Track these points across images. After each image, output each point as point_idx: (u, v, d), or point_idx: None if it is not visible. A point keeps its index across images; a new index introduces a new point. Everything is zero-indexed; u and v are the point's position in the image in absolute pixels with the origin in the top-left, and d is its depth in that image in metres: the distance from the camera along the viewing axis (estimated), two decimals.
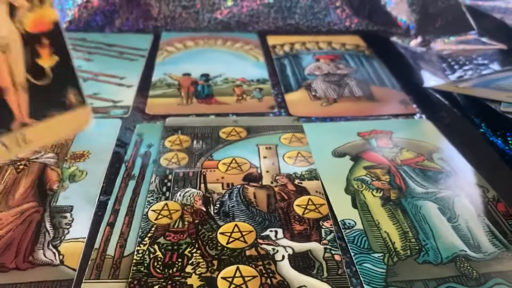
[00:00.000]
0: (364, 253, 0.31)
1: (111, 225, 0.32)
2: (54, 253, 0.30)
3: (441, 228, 0.33)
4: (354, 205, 0.35)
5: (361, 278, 0.29)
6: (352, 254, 0.30)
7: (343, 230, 0.32)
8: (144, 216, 0.33)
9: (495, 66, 0.59)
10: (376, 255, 0.30)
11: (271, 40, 0.67)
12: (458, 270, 0.29)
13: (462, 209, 0.35)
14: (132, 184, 0.36)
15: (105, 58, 0.59)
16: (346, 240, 0.32)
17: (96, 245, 0.30)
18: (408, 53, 0.61)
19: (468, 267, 0.30)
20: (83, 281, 0.28)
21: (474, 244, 0.31)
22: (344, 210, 0.34)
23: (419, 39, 0.66)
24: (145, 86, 0.53)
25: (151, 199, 0.35)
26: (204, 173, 0.38)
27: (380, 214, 0.34)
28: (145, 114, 0.47)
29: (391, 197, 0.36)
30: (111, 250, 0.30)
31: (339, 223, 0.33)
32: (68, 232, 0.32)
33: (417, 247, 0.31)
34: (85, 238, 0.31)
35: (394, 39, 0.66)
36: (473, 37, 0.66)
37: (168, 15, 0.67)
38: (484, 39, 0.66)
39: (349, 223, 0.33)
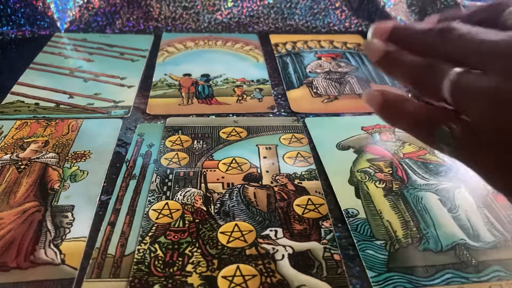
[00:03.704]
0: (366, 240, 0.31)
1: (112, 224, 0.32)
2: (55, 252, 0.30)
3: (441, 218, 0.34)
4: (358, 195, 0.36)
5: (364, 263, 0.30)
6: (355, 241, 0.31)
7: (346, 219, 0.33)
8: (145, 216, 0.33)
9: None
10: (378, 242, 0.31)
11: (274, 38, 0.67)
12: (457, 258, 0.30)
13: (462, 200, 0.36)
14: (133, 183, 0.37)
15: (106, 58, 0.59)
16: (350, 228, 0.32)
17: (97, 244, 0.31)
18: None
19: (467, 255, 0.30)
20: (84, 280, 0.28)
21: (473, 234, 0.32)
22: (348, 200, 0.35)
23: None
24: (145, 86, 0.53)
25: (152, 199, 0.35)
26: (204, 173, 0.38)
27: (383, 204, 0.35)
28: (146, 114, 0.47)
29: (393, 188, 0.37)
30: (112, 249, 0.30)
31: (343, 212, 0.34)
32: (69, 231, 0.32)
33: (418, 236, 0.32)
34: (86, 237, 0.31)
35: None
36: None
37: (169, 16, 0.67)
38: None
39: (352, 212, 0.34)
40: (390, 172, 0.39)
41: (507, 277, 0.29)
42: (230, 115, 0.47)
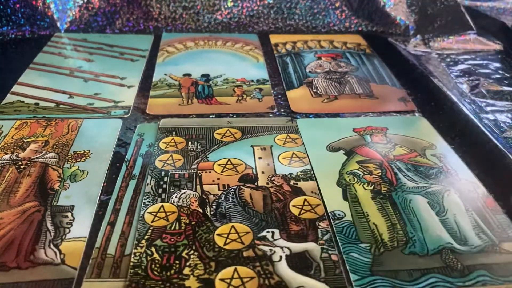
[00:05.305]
0: (351, 243, 0.31)
1: (112, 224, 0.33)
2: (55, 252, 0.30)
3: (429, 221, 0.34)
4: (345, 198, 0.36)
5: (347, 266, 0.29)
6: (340, 243, 0.31)
7: (332, 221, 0.33)
8: (140, 218, 0.33)
9: (493, 66, 0.59)
10: (363, 245, 0.31)
11: (274, 38, 0.67)
12: (443, 262, 0.30)
13: (451, 203, 0.35)
14: (132, 183, 0.37)
15: (106, 58, 0.59)
16: (335, 230, 0.32)
17: (97, 244, 0.31)
18: (407, 54, 0.62)
19: (453, 259, 0.30)
20: (84, 280, 0.28)
21: (460, 237, 0.32)
22: (335, 202, 0.35)
23: (418, 39, 0.66)
24: (145, 86, 0.53)
25: (147, 201, 0.35)
26: (200, 175, 0.38)
27: (370, 207, 0.35)
28: (146, 114, 0.47)
29: (381, 191, 0.37)
30: (111, 249, 0.30)
31: (329, 214, 0.34)
32: (69, 231, 0.32)
33: (404, 239, 0.32)
34: (86, 237, 0.31)
35: (392, 40, 0.66)
36: (472, 37, 0.66)
37: (169, 16, 0.67)
38: (482, 39, 0.66)
39: (339, 214, 0.34)
40: (379, 174, 0.38)
41: (492, 281, 0.29)
42: (230, 115, 0.48)
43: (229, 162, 0.40)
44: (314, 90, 0.53)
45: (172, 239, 0.31)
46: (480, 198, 0.36)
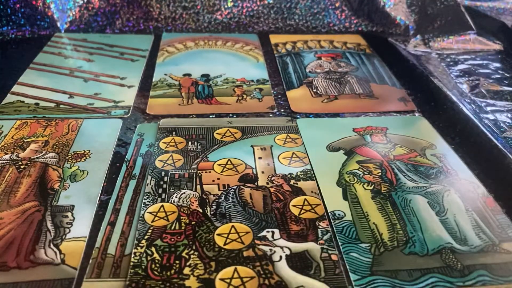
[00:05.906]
0: (351, 243, 0.31)
1: (112, 224, 0.33)
2: (55, 252, 0.30)
3: (429, 221, 0.34)
4: (345, 197, 0.36)
5: (347, 266, 0.30)
6: (340, 243, 0.31)
7: (332, 221, 0.33)
8: (140, 218, 0.33)
9: (493, 66, 0.59)
10: (363, 245, 0.31)
11: (274, 38, 0.67)
12: (443, 262, 0.30)
13: (451, 203, 0.36)
14: (132, 183, 0.37)
15: (106, 58, 0.59)
16: (335, 230, 0.32)
17: (97, 244, 0.31)
18: (407, 54, 0.62)
19: (453, 259, 0.30)
20: (84, 280, 0.28)
21: (460, 237, 0.32)
22: (335, 202, 0.35)
23: (418, 39, 0.66)
24: (145, 86, 0.53)
25: (147, 201, 0.35)
26: (199, 175, 0.38)
27: (370, 206, 0.35)
28: (146, 114, 0.47)
29: (381, 190, 0.37)
30: (112, 249, 0.30)
31: (329, 214, 0.34)
32: (69, 231, 0.32)
33: (404, 239, 0.32)
34: (86, 237, 0.32)
35: (392, 40, 0.66)
36: (472, 37, 0.66)
37: (169, 16, 0.68)
38: (482, 39, 0.66)
39: (339, 214, 0.34)
40: (379, 174, 0.39)
41: (492, 281, 0.29)
42: (230, 115, 0.48)
43: (229, 162, 0.40)
44: (314, 90, 0.53)
45: (172, 239, 0.31)
46: (480, 198, 0.36)
